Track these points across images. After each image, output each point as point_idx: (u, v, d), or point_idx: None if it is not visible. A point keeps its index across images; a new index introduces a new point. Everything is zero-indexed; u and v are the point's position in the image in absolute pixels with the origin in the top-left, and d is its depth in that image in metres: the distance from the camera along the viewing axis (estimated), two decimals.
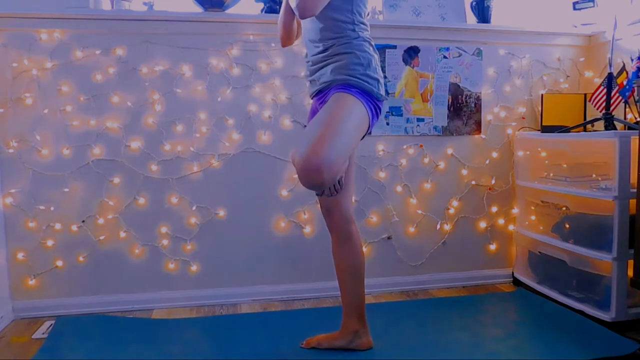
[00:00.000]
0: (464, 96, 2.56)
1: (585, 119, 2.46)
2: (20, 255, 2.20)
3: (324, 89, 1.67)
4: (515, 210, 2.64)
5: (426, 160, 2.54)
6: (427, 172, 2.55)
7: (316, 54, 1.68)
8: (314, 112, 1.79)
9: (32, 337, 2.00)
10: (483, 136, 2.61)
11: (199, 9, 2.32)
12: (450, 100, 2.55)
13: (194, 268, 2.36)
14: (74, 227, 2.24)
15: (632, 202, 1.95)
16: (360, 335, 1.81)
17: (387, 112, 2.47)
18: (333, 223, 1.77)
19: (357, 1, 1.62)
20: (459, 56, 2.54)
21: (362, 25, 1.66)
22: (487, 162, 2.62)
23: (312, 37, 1.69)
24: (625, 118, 2.35)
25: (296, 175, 2.36)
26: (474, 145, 2.60)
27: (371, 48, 1.67)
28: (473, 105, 2.58)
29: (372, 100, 1.63)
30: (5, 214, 2.19)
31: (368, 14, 1.75)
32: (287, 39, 1.84)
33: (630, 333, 1.92)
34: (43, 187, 2.21)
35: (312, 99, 1.81)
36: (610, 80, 2.24)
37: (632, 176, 1.96)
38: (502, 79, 2.61)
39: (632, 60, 2.26)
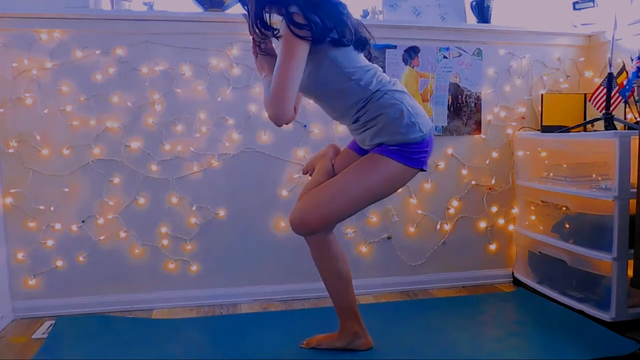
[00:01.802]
0: (464, 96, 2.56)
1: (585, 119, 2.46)
2: (20, 255, 2.20)
3: (371, 149, 1.68)
4: (515, 210, 2.64)
5: None
6: (427, 172, 2.54)
7: (350, 125, 1.70)
8: (352, 146, 1.84)
9: (32, 337, 2.00)
10: (483, 136, 2.61)
11: (199, 9, 2.32)
12: (450, 100, 2.55)
13: (194, 268, 2.36)
14: (74, 227, 2.24)
15: (632, 202, 1.95)
16: (360, 336, 1.80)
17: None
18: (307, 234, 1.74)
19: (343, 64, 1.57)
20: (459, 56, 2.54)
21: (366, 77, 1.60)
22: (487, 162, 2.62)
23: (334, 115, 1.72)
24: (625, 118, 2.35)
25: (296, 175, 2.38)
26: (474, 145, 2.60)
27: (391, 92, 1.61)
28: (473, 105, 2.58)
29: (413, 146, 1.61)
30: (5, 214, 2.19)
31: (373, 53, 1.72)
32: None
33: (630, 333, 1.92)
34: (43, 187, 2.21)
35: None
36: (610, 80, 2.24)
37: (632, 176, 1.96)
38: (502, 79, 2.61)
39: (632, 60, 2.26)
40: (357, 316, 1.80)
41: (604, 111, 2.26)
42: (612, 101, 2.24)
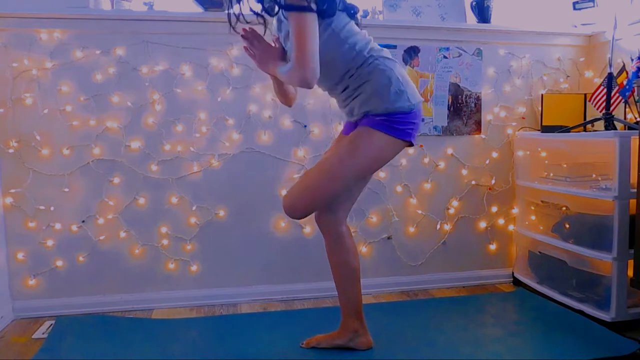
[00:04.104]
0: (464, 96, 2.56)
1: (585, 119, 2.46)
2: (20, 255, 2.20)
3: (359, 119, 1.68)
4: (515, 210, 2.64)
5: (426, 160, 2.54)
6: (427, 172, 2.55)
7: (340, 93, 1.70)
8: (343, 130, 1.85)
9: (32, 337, 2.00)
10: (483, 136, 2.61)
11: (199, 9, 2.31)
12: (450, 100, 2.55)
13: (194, 268, 2.36)
14: (74, 227, 2.24)
15: (632, 202, 1.95)
16: (359, 334, 1.81)
17: None
18: (323, 224, 1.76)
19: (338, 27, 1.58)
20: (459, 56, 2.54)
21: (360, 43, 1.61)
22: (487, 162, 2.62)
23: (327, 85, 1.70)
24: (625, 118, 2.35)
25: (296, 175, 2.38)
26: (474, 145, 2.60)
27: (382, 59, 1.62)
28: (473, 105, 2.58)
29: (399, 116, 1.61)
30: (5, 214, 2.19)
31: (361, 22, 1.71)
32: (288, 102, 1.83)
33: (630, 333, 1.92)
34: (43, 187, 2.21)
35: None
36: (610, 80, 2.24)
37: (632, 176, 1.96)
38: (502, 79, 2.61)
39: (632, 60, 2.26)
40: (360, 314, 1.80)
41: (604, 111, 2.26)
42: (612, 101, 2.24)
